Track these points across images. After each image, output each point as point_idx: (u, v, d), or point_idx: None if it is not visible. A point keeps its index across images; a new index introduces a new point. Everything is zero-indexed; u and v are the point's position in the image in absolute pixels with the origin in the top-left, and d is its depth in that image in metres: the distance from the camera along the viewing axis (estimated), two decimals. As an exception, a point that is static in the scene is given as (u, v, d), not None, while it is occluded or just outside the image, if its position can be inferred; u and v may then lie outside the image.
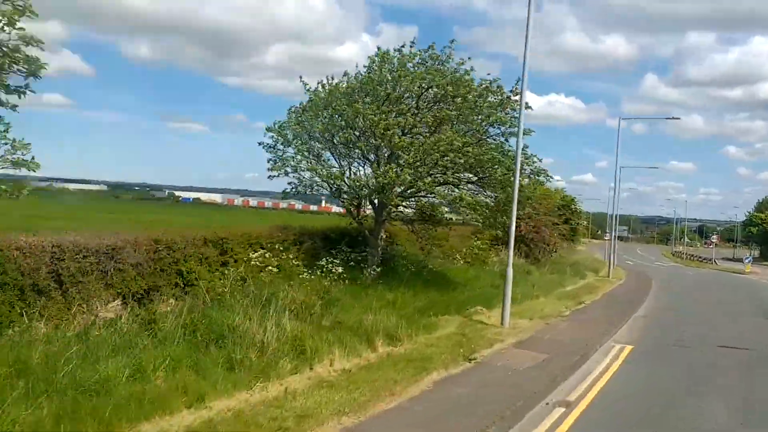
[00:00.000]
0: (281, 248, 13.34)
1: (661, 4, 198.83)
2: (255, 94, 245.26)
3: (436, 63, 15.38)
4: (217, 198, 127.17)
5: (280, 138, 15.65)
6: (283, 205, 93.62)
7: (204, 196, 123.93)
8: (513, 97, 15.38)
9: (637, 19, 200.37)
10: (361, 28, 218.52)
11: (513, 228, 14.64)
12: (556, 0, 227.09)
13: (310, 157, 15.66)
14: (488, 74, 16.34)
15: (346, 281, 13.66)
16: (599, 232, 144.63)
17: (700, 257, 72.06)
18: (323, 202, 69.15)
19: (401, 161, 14.61)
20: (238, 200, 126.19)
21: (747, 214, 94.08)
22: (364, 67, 15.73)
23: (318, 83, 16.14)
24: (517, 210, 14.74)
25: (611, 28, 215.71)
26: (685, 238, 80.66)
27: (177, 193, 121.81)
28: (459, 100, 15.03)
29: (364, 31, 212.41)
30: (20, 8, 7.15)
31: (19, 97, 7.65)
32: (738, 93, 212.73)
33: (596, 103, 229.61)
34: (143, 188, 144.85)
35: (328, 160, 16.14)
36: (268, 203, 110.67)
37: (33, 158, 7.86)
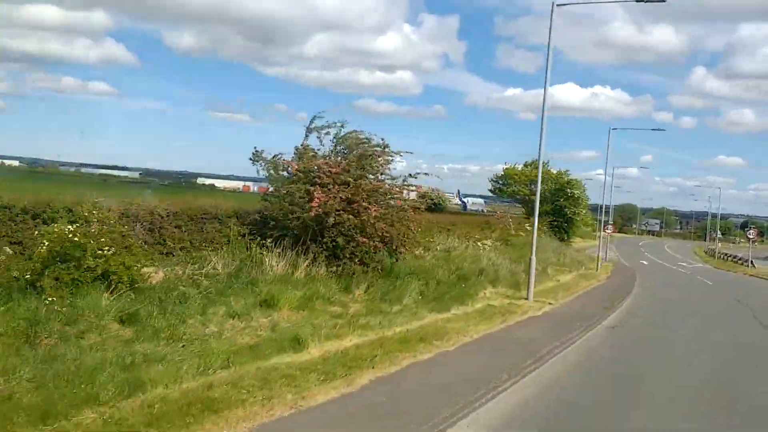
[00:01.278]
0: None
1: None
2: (296, 84, 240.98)
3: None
4: (235, 184, 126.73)
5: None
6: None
7: (222, 183, 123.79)
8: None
9: (687, 10, 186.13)
10: (402, 18, 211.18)
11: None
12: None
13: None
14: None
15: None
16: (633, 226, 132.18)
17: (735, 257, 59.57)
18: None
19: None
20: (254, 187, 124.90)
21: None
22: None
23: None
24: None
25: (660, 18, 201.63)
26: (717, 232, 67.37)
27: (200, 180, 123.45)
28: None
29: (406, 22, 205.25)
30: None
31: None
32: None
33: (643, 96, 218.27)
34: (176, 175, 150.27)
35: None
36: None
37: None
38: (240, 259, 12.16)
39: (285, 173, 14.26)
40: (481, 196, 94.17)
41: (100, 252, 9.33)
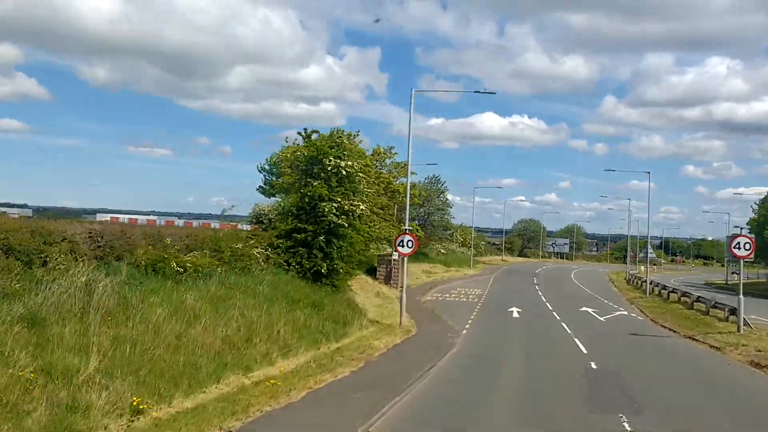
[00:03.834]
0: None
1: (619, 25, 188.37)
2: (218, 117, 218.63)
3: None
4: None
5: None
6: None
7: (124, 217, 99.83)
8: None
9: (595, 41, 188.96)
10: (324, 50, 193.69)
11: None
12: (517, 23, 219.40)
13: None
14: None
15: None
16: (540, 248, 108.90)
17: (675, 290, 33.97)
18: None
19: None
20: (179, 222, 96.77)
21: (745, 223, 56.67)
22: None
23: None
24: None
25: (571, 50, 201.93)
26: (648, 249, 41.92)
27: (99, 216, 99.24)
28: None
29: (328, 53, 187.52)
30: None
31: None
32: (695, 113, 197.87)
33: (558, 124, 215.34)
34: (73, 211, 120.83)
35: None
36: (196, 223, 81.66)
37: None
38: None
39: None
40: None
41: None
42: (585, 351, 17.57)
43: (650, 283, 39.88)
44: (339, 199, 20.83)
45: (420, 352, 16.20)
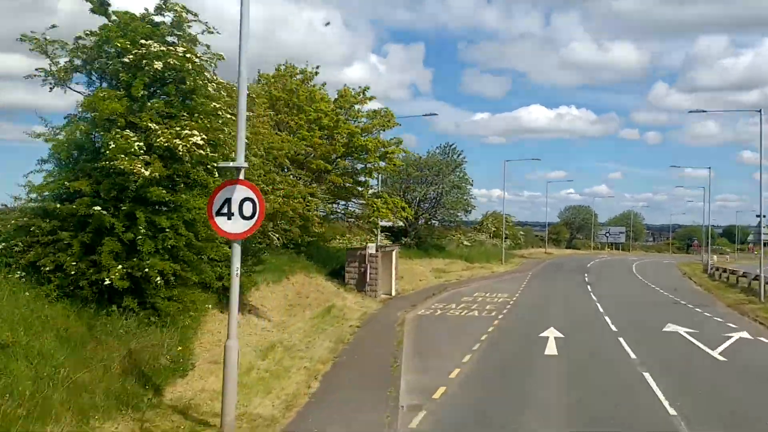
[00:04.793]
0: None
1: (669, 8, 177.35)
2: None
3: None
4: None
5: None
6: None
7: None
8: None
9: (644, 26, 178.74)
10: (368, 49, 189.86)
11: None
12: (563, 12, 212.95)
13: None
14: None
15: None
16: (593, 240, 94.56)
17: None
18: None
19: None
20: None
21: None
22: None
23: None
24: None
25: (619, 37, 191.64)
26: (761, 234, 28.85)
27: None
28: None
29: (372, 52, 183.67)
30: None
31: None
32: (752, 96, 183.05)
33: (608, 114, 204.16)
34: None
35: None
36: None
37: None
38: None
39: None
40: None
41: None
42: None
43: (761, 279, 26.68)
44: (153, 127, 9.60)
45: None
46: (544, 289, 29.84)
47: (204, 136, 9.82)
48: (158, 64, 9.74)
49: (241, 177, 7.85)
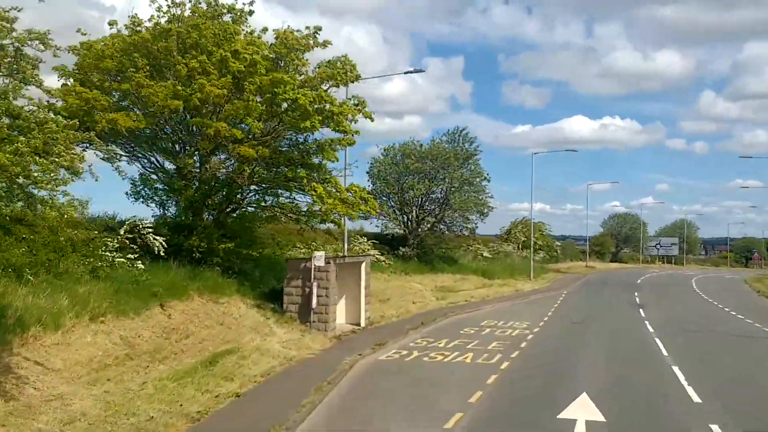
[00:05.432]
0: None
1: (714, 15, 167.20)
2: None
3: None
4: None
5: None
6: None
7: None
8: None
9: (689, 34, 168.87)
10: (407, 63, 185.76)
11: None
12: (605, 21, 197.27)
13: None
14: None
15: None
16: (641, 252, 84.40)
17: None
18: None
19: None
20: None
21: None
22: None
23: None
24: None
25: (663, 45, 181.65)
26: None
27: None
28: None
29: (411, 65, 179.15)
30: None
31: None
32: None
33: (653, 124, 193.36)
34: None
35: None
36: None
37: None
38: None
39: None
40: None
41: None
42: None
43: None
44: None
45: None
46: (579, 314, 22.10)
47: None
48: None
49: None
